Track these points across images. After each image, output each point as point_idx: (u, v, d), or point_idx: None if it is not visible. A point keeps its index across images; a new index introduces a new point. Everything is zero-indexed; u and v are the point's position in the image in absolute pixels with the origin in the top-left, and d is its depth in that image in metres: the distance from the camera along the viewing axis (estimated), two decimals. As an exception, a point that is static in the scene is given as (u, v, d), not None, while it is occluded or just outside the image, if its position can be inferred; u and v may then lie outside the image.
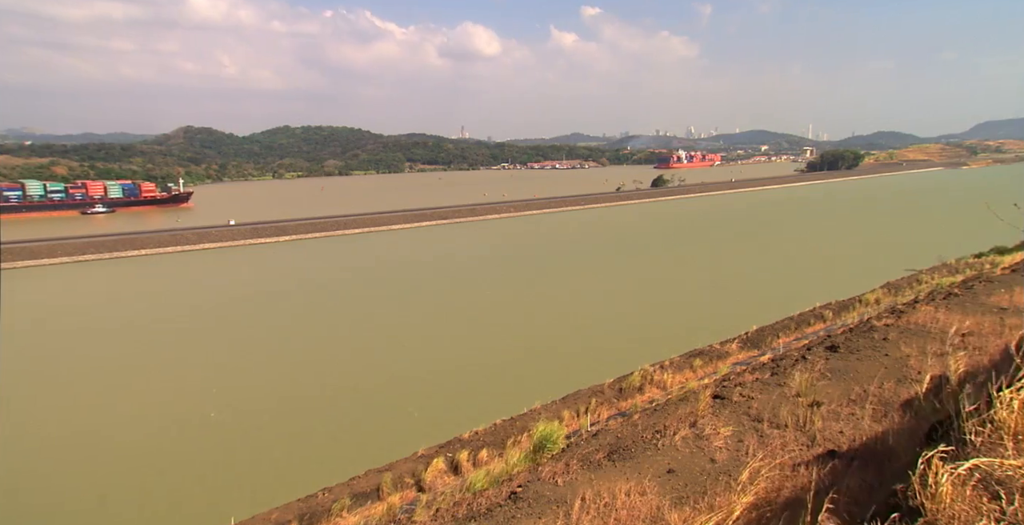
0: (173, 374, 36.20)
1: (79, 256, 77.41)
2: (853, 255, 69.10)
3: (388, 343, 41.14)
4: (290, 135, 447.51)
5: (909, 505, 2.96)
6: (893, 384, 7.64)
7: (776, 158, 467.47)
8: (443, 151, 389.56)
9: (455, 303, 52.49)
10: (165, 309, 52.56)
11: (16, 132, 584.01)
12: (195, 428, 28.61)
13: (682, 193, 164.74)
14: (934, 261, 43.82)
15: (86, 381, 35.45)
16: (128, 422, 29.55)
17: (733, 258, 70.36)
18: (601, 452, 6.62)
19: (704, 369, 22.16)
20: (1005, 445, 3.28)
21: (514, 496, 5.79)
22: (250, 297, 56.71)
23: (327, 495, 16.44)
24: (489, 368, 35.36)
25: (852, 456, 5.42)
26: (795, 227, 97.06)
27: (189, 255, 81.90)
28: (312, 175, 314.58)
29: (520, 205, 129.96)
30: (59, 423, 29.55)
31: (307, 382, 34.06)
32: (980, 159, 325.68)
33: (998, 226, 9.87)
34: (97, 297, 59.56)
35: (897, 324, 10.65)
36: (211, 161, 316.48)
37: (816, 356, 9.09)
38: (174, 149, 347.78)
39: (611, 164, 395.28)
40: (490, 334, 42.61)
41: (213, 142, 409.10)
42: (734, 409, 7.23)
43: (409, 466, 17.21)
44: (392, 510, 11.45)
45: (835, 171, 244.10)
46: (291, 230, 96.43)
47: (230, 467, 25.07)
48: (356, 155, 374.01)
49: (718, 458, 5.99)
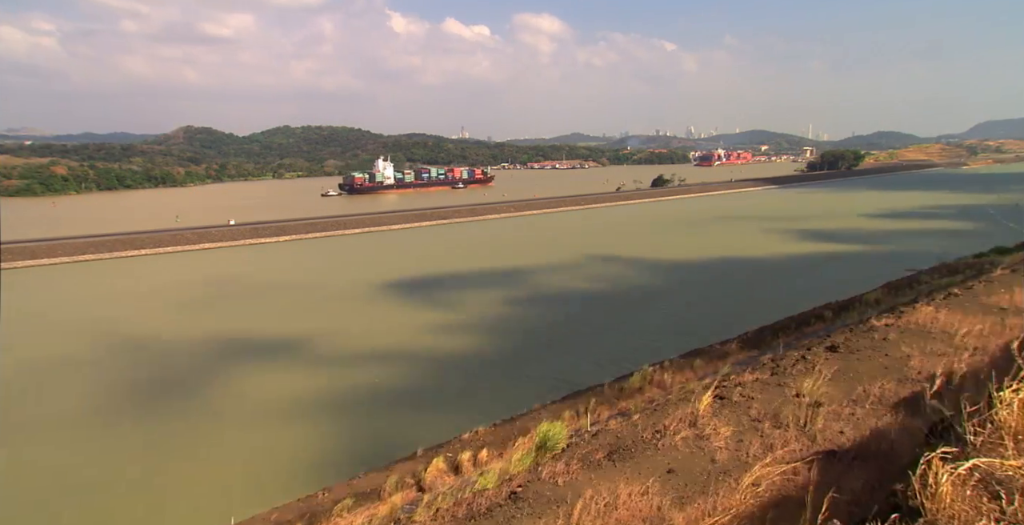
0: (170, 374, 36.20)
1: (79, 256, 77.38)
2: (853, 255, 69.10)
3: (388, 343, 41.13)
4: (290, 135, 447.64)
5: (909, 505, 2.96)
6: (893, 384, 7.64)
7: (776, 158, 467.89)
8: (443, 151, 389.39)
9: (454, 302, 52.49)
10: (172, 306, 52.59)
11: (16, 132, 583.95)
12: (194, 427, 28.60)
13: (682, 193, 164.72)
14: (934, 261, 43.82)
15: (81, 380, 35.45)
16: (126, 421, 29.54)
17: (733, 258, 70.33)
18: (601, 452, 6.62)
19: (704, 369, 22.14)
20: (1005, 445, 3.29)
21: (514, 496, 5.80)
22: (248, 293, 56.72)
23: (327, 495, 16.45)
24: (489, 368, 35.37)
25: (853, 456, 5.42)
26: (795, 226, 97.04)
27: (189, 255, 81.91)
28: (312, 175, 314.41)
29: (520, 205, 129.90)
30: (59, 423, 29.53)
31: (307, 382, 34.05)
32: (980, 159, 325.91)
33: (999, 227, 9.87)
34: (94, 295, 59.58)
35: (897, 324, 10.65)
36: (211, 161, 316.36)
37: (816, 356, 9.10)
38: (174, 149, 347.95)
39: (611, 164, 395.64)
40: (490, 334, 42.61)
41: (213, 142, 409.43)
42: (734, 409, 7.23)
43: (409, 466, 17.21)
44: (393, 510, 11.45)
45: (835, 171, 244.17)
46: (291, 230, 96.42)
47: (230, 467, 25.06)
48: (356, 155, 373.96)
49: (718, 458, 6.00)
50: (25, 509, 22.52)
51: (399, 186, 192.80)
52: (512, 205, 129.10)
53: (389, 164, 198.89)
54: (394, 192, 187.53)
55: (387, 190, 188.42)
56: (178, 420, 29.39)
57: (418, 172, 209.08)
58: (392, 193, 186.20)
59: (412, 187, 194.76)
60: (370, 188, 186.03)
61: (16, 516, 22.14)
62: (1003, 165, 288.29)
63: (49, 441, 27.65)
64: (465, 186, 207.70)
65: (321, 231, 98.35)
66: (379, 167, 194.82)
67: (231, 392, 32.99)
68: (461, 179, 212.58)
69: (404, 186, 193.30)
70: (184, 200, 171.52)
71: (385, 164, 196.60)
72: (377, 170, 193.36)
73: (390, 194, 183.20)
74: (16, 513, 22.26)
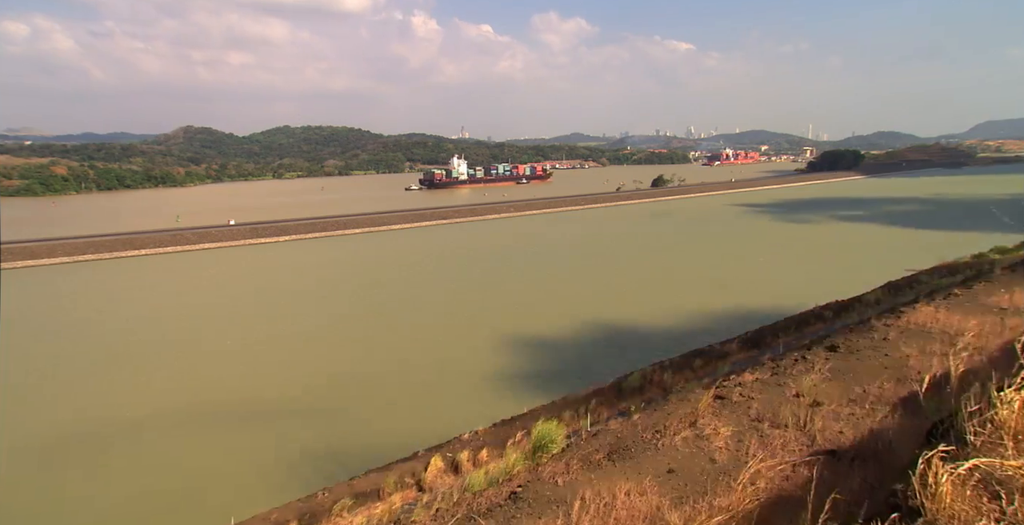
0: (171, 373, 36.21)
1: (79, 256, 77.40)
2: (853, 255, 69.11)
3: (387, 343, 41.14)
4: (290, 135, 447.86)
5: (909, 505, 2.96)
6: (893, 384, 7.63)
7: (776, 158, 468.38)
8: (443, 151, 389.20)
9: (454, 302, 52.49)
10: (170, 308, 52.59)
11: (16, 132, 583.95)
12: (195, 427, 28.60)
13: (682, 193, 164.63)
14: (934, 261, 43.78)
15: (83, 381, 35.45)
16: (127, 421, 29.53)
17: (733, 258, 70.33)
18: (601, 452, 6.62)
19: (704, 369, 22.12)
20: (1005, 445, 3.28)
21: (514, 496, 5.79)
22: (248, 296, 56.74)
23: (327, 495, 16.43)
24: (489, 368, 35.36)
25: (852, 456, 5.42)
26: (794, 226, 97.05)
27: (189, 255, 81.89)
28: (312, 175, 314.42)
29: (520, 205, 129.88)
30: (58, 422, 29.53)
31: (306, 382, 34.06)
32: (980, 159, 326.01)
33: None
34: (96, 296, 59.57)
35: (897, 324, 10.65)
36: (211, 161, 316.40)
37: (816, 356, 9.09)
38: (174, 149, 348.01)
39: (611, 164, 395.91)
40: (490, 333, 42.60)
41: (213, 142, 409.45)
42: (734, 409, 7.23)
43: (409, 466, 17.19)
44: (393, 510, 11.44)
45: (835, 171, 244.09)
46: (291, 230, 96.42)
47: (230, 467, 25.06)
48: (356, 155, 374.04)
49: (718, 458, 5.99)
50: (24, 512, 22.53)
51: (471, 181, 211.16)
52: (512, 205, 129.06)
53: (463, 162, 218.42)
54: (467, 186, 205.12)
55: (461, 185, 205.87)
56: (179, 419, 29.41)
57: (487, 168, 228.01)
58: (465, 188, 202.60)
59: (482, 182, 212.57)
60: (447, 183, 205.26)
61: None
62: (1003, 165, 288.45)
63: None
64: (528, 182, 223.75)
65: (321, 231, 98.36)
66: (454, 164, 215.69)
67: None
68: (524, 175, 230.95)
69: (476, 181, 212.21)
70: (236, 197, 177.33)
71: (459, 162, 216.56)
72: (452, 167, 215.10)
73: (463, 189, 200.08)
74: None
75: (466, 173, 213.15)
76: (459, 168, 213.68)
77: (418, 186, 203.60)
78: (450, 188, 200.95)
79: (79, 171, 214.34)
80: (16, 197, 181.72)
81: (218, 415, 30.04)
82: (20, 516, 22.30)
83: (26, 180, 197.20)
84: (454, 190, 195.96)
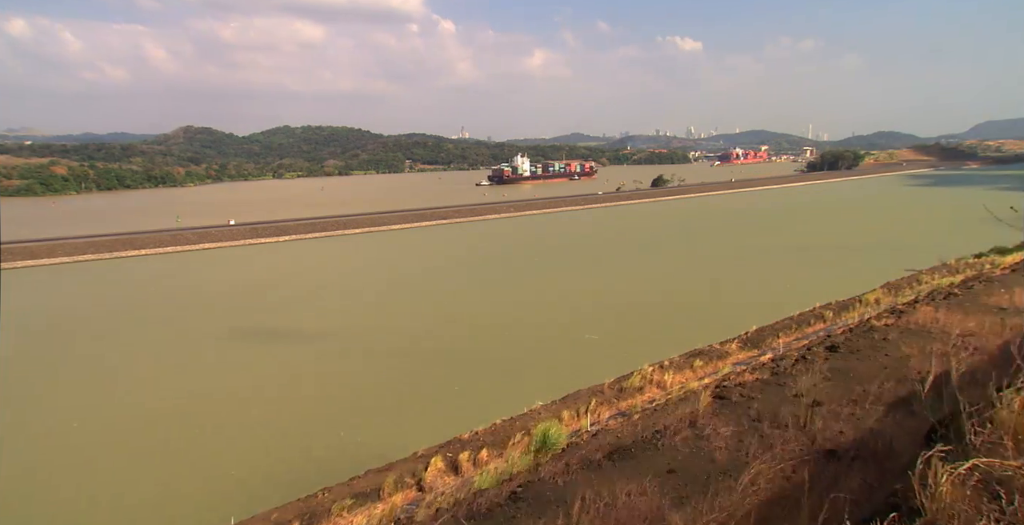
0: (170, 373, 36.21)
1: (78, 256, 77.35)
2: (853, 255, 69.07)
3: (386, 342, 41.13)
4: (290, 135, 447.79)
5: (909, 505, 2.96)
6: (893, 384, 7.64)
7: (776, 158, 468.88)
8: (443, 151, 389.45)
9: (454, 302, 52.49)
10: (155, 306, 52.59)
11: (16, 132, 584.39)
12: (195, 427, 28.60)
13: (682, 193, 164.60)
14: (934, 261, 43.82)
15: (84, 380, 35.46)
16: (127, 422, 29.54)
17: (733, 257, 70.31)
18: (601, 452, 6.62)
19: (704, 369, 22.14)
20: (1005, 445, 3.28)
21: (514, 496, 5.80)
22: (246, 295, 56.74)
23: (327, 495, 16.44)
24: (489, 368, 35.34)
25: (852, 456, 5.42)
26: (794, 226, 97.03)
27: (189, 255, 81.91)
28: (312, 175, 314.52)
29: (521, 205, 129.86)
30: (57, 422, 29.53)
31: (306, 382, 34.06)
32: (982, 159, 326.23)
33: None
34: (99, 294, 59.59)
35: (897, 324, 10.65)
36: (211, 161, 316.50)
37: (816, 356, 9.10)
38: (174, 149, 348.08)
39: (611, 164, 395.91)
40: (490, 333, 42.59)
41: (213, 142, 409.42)
42: (734, 409, 7.23)
43: (409, 466, 17.21)
44: (393, 510, 11.44)
45: (835, 171, 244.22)
46: (291, 230, 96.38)
47: (230, 467, 25.05)
48: (356, 155, 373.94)
49: (718, 458, 5.99)
50: (24, 510, 22.55)
51: (533, 178, 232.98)
52: (512, 205, 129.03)
53: (526, 159, 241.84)
54: (529, 182, 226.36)
55: (524, 181, 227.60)
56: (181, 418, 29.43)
57: (545, 167, 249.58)
58: (528, 183, 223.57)
59: (541, 178, 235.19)
60: (513, 179, 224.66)
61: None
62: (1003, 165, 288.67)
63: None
64: (579, 178, 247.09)
65: (321, 231, 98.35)
66: (518, 162, 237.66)
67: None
68: (576, 172, 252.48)
69: (536, 178, 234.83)
70: (267, 194, 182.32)
71: (523, 159, 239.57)
72: (517, 164, 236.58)
73: (526, 184, 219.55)
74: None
75: (529, 170, 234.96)
76: (523, 166, 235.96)
77: (487, 182, 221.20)
78: (515, 184, 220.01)
79: (79, 171, 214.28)
80: (16, 197, 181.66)
81: (218, 415, 30.04)
82: (20, 516, 22.31)
83: (26, 180, 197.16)
84: (518, 186, 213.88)
